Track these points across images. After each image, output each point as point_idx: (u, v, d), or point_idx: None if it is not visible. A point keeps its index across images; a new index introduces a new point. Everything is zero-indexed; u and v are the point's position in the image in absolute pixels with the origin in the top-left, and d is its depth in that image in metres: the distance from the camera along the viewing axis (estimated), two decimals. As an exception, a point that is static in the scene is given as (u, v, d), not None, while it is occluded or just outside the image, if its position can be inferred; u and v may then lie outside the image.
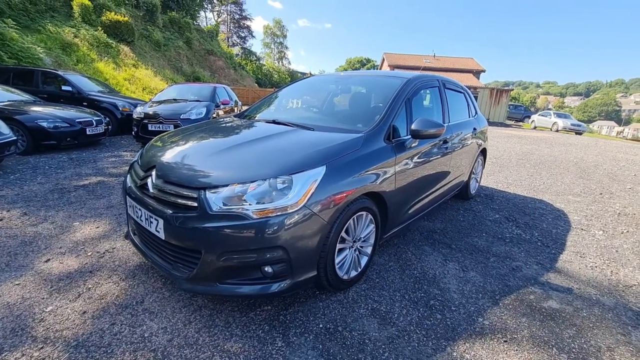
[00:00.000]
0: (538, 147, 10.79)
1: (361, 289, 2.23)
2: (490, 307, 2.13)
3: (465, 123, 3.65)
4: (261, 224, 1.65)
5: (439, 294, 2.23)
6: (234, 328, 1.83)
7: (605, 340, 1.90)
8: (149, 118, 6.75)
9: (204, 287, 1.77)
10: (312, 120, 2.68)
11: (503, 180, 5.65)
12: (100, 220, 3.14)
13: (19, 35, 12.08)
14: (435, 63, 33.37)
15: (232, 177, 1.76)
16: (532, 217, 3.83)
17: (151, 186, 1.93)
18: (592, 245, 3.20)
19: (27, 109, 5.88)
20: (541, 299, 2.26)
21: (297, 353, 1.68)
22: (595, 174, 6.77)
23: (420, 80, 2.90)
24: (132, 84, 16.33)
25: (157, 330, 1.79)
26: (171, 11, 26.40)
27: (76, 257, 2.48)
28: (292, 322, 1.89)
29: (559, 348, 1.81)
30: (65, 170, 4.83)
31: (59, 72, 8.24)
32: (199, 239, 1.69)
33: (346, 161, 1.98)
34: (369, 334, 1.83)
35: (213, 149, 2.13)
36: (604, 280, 2.57)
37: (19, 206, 3.38)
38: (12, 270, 2.28)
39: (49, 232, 2.85)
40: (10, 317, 1.84)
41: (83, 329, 1.77)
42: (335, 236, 1.92)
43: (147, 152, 2.29)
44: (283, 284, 1.78)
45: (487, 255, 2.82)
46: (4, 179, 4.25)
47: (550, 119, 21.59)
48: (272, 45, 56.81)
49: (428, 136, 2.42)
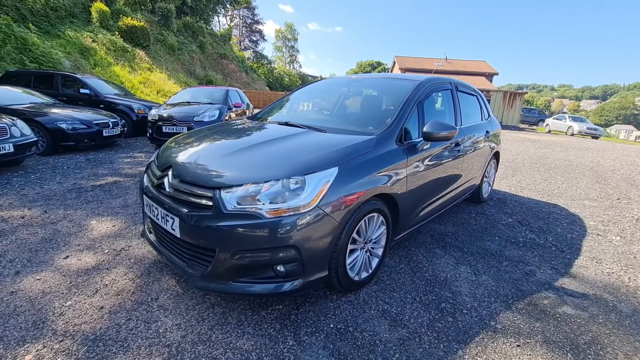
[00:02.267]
0: (552, 151, 10.58)
1: (372, 291, 2.24)
2: (503, 311, 2.10)
3: (478, 126, 3.62)
4: (274, 224, 1.67)
5: (450, 297, 2.21)
6: (246, 326, 1.86)
7: (622, 348, 1.86)
8: (164, 120, 6.90)
9: (217, 285, 1.80)
10: (324, 122, 2.70)
11: (516, 184, 5.57)
12: (117, 219, 3.23)
13: (40, 40, 12.51)
14: (447, 66, 33.11)
15: (246, 177, 1.80)
16: (546, 222, 3.77)
17: (167, 185, 1.98)
18: (608, 251, 3.13)
19: (47, 111, 6.07)
20: (555, 304, 2.22)
21: (308, 352, 1.70)
22: (613, 178, 6.61)
23: (432, 83, 2.90)
24: (146, 87, 16.69)
25: (171, 326, 1.83)
26: (185, 16, 26.93)
27: (93, 254, 2.55)
28: (303, 322, 1.91)
29: (574, 354, 1.78)
30: (82, 171, 4.97)
31: (78, 76, 8.49)
32: (213, 237, 1.73)
33: (358, 163, 1.99)
34: (380, 335, 1.84)
35: (227, 150, 2.17)
36: (622, 286, 2.52)
37: (39, 204, 3.50)
38: (33, 265, 2.36)
39: (67, 230, 2.94)
40: (32, 310, 1.91)
41: (100, 324, 1.82)
42: (346, 237, 1.93)
43: (163, 152, 2.35)
44: (295, 283, 1.80)
45: (499, 259, 2.78)
46: (25, 179, 4.40)
47: (565, 122, 21.16)
48: (284, 49, 57.33)
49: (440, 139, 2.42)
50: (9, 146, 4.41)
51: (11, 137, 4.52)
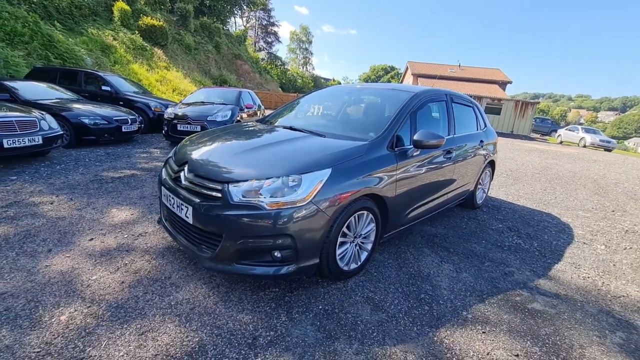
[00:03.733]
0: (559, 162, 10.64)
1: (359, 280, 2.49)
2: (476, 303, 2.34)
3: (472, 135, 3.84)
4: (273, 215, 1.95)
5: (430, 290, 2.45)
6: (245, 304, 2.14)
7: (579, 340, 2.07)
8: (179, 119, 7.27)
9: (223, 266, 2.09)
10: (325, 127, 2.97)
11: (514, 192, 5.74)
12: (135, 208, 3.55)
13: (65, 37, 13.12)
14: (460, 73, 33.04)
15: (251, 174, 2.08)
16: (535, 229, 3.96)
17: (183, 179, 2.28)
18: (590, 258, 3.31)
19: (71, 107, 6.50)
20: (526, 301, 2.44)
21: (298, 327, 1.96)
22: (613, 191, 6.70)
23: (427, 95, 3.15)
24: (163, 85, 17.25)
25: (181, 300, 2.12)
26: (203, 16, 27.61)
27: (114, 238, 2.87)
28: (296, 303, 2.18)
29: (533, 342, 2.00)
30: (102, 163, 5.35)
31: (100, 73, 8.96)
32: (220, 225, 2.02)
33: (350, 165, 2.26)
34: (362, 317, 2.09)
35: (236, 150, 2.47)
36: (593, 290, 2.71)
37: (65, 193, 3.85)
38: (62, 245, 2.69)
39: (91, 216, 3.28)
40: (63, 281, 2.22)
41: (122, 295, 2.13)
42: (337, 230, 2.19)
43: (180, 149, 2.66)
44: (290, 267, 2.07)
45: (482, 260, 3.01)
46: (51, 169, 4.79)
47: (578, 133, 20.97)
48: (298, 51, 57.90)
49: (429, 146, 2.66)
50: (38, 138, 4.81)
51: (40, 130, 4.91)
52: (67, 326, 1.83)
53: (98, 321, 1.88)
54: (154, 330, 1.85)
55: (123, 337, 1.78)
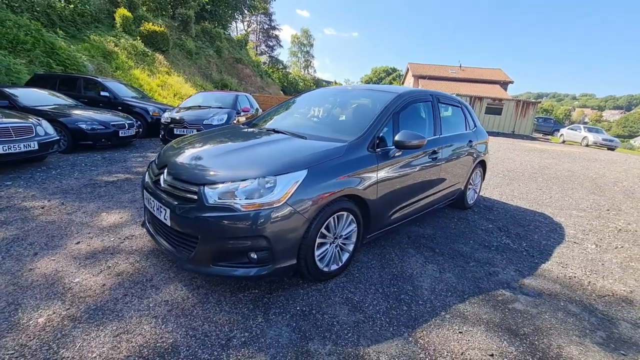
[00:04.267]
0: (559, 161, 10.56)
1: (340, 282, 2.50)
2: (456, 304, 2.33)
3: (460, 136, 3.84)
4: (247, 216, 1.97)
5: (410, 290, 2.45)
6: (224, 305, 2.15)
7: (558, 340, 2.06)
8: (175, 123, 7.35)
9: (200, 268, 2.11)
10: (308, 129, 2.98)
11: (509, 193, 5.70)
12: (124, 212, 3.59)
13: (67, 44, 13.31)
14: (461, 74, 32.98)
15: (227, 176, 2.10)
16: (525, 229, 3.93)
17: (162, 181, 2.31)
18: (579, 257, 3.29)
19: (69, 112, 6.58)
20: (508, 300, 2.43)
21: (274, 328, 1.97)
22: (611, 190, 6.64)
23: (410, 96, 3.15)
24: (164, 89, 17.40)
25: (160, 302, 2.14)
26: (204, 21, 27.84)
27: (101, 241, 2.90)
28: (274, 304, 2.19)
29: (509, 342, 1.99)
30: (98, 168, 5.41)
31: (98, 79, 9.07)
32: (196, 227, 2.04)
33: (328, 166, 2.27)
34: (339, 317, 2.10)
35: (216, 152, 2.49)
36: (579, 289, 2.69)
37: (57, 197, 3.90)
38: (49, 249, 2.73)
39: (80, 220, 3.32)
40: (46, 284, 2.25)
41: (101, 297, 2.15)
42: (314, 231, 2.20)
43: (163, 153, 2.69)
44: (266, 269, 2.08)
45: (467, 260, 2.99)
46: (47, 174, 4.85)
47: (580, 133, 20.82)
48: (299, 54, 58.15)
49: (411, 147, 2.67)
50: (34, 144, 4.88)
51: (36, 136, 4.98)
52: (44, 328, 1.85)
53: (75, 323, 1.90)
54: (129, 332, 1.87)
55: (98, 339, 1.80)
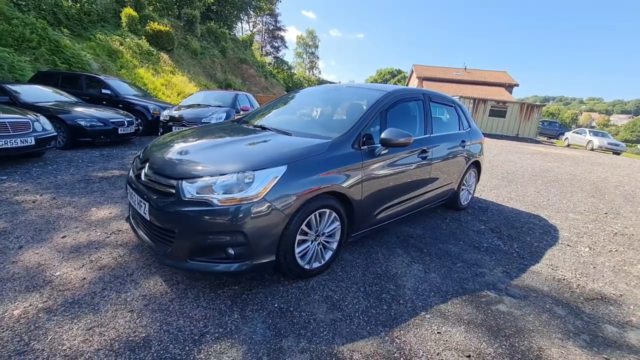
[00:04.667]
0: (561, 164, 10.43)
1: (322, 280, 2.47)
2: (438, 304, 2.29)
3: (452, 135, 3.79)
4: (223, 211, 1.95)
5: (393, 289, 2.42)
6: (201, 301, 2.14)
7: (540, 342, 2.01)
8: (174, 120, 7.38)
9: (177, 263, 2.09)
10: (295, 126, 2.96)
11: (506, 195, 5.64)
12: (114, 207, 3.60)
13: (72, 42, 13.45)
14: (466, 76, 32.80)
15: (205, 171, 2.09)
16: (518, 231, 3.87)
17: (143, 175, 2.30)
18: (570, 260, 3.23)
19: (69, 109, 6.63)
20: (492, 302, 2.38)
21: (249, 324, 1.95)
22: (611, 194, 6.53)
23: (399, 94, 3.12)
24: (168, 89, 17.50)
25: (137, 296, 2.13)
26: (210, 22, 28.00)
27: (87, 236, 2.91)
28: (252, 300, 2.17)
29: (489, 343, 1.96)
30: (94, 164, 5.44)
31: (100, 77, 9.15)
32: (173, 221, 2.03)
33: (309, 163, 2.25)
34: (316, 315, 2.07)
35: (198, 147, 2.48)
36: (567, 292, 2.64)
37: (50, 192, 3.92)
38: (34, 242, 2.73)
39: (69, 214, 3.33)
40: (26, 277, 2.26)
41: (80, 291, 2.15)
42: (294, 228, 2.18)
43: (148, 148, 2.69)
44: (244, 264, 2.06)
45: (454, 261, 2.95)
46: (43, 169, 4.89)
47: (585, 136, 20.56)
48: (304, 55, 58.24)
49: (397, 145, 2.63)
50: (31, 139, 4.91)
51: (33, 131, 5.02)
52: (18, 320, 1.85)
53: (50, 316, 1.90)
54: (103, 326, 1.86)
55: (70, 332, 1.79)
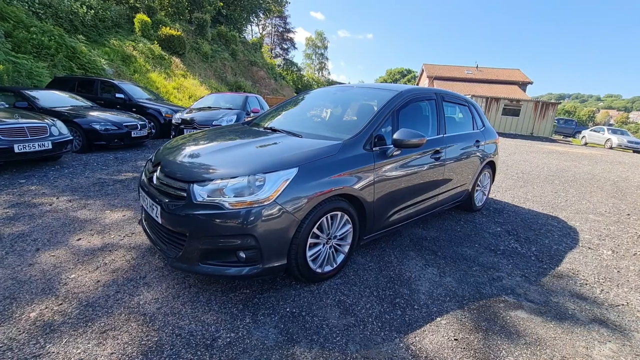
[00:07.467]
0: (578, 164, 10.13)
1: (334, 283, 2.43)
2: (454, 309, 2.22)
3: (466, 135, 3.71)
4: (235, 214, 1.93)
5: (407, 294, 2.36)
6: (213, 305, 2.12)
7: (563, 350, 1.93)
8: (186, 123, 7.46)
9: (188, 266, 2.08)
10: (305, 128, 2.93)
11: (522, 195, 5.49)
12: (128, 210, 3.64)
13: (87, 48, 13.78)
14: (478, 74, 32.29)
15: (216, 174, 2.08)
16: (536, 233, 3.75)
17: (155, 179, 2.31)
18: (592, 263, 3.10)
19: (84, 114, 6.78)
20: (511, 307, 2.30)
21: (261, 329, 1.93)
22: (633, 194, 6.30)
23: (411, 94, 3.06)
24: (180, 92, 17.77)
25: (150, 299, 2.13)
26: (220, 25, 28.32)
27: (101, 238, 2.94)
28: (264, 304, 2.15)
29: (508, 351, 1.88)
30: (109, 167, 5.53)
31: (114, 82, 9.33)
32: (185, 224, 2.02)
33: (320, 165, 2.21)
34: (329, 320, 2.03)
35: (209, 150, 2.47)
36: (590, 297, 2.53)
37: (66, 195, 4.00)
38: (51, 245, 2.78)
39: (85, 217, 3.38)
40: (43, 279, 2.29)
41: (94, 293, 2.16)
42: (306, 231, 2.15)
43: (160, 151, 2.70)
44: (255, 268, 2.04)
45: (470, 265, 2.87)
46: (59, 172, 5.00)
47: (604, 135, 19.96)
48: (313, 56, 58.37)
49: (410, 146, 2.58)
50: (48, 143, 5.03)
51: (50, 136, 5.14)
52: (35, 323, 1.87)
53: (65, 319, 1.92)
54: (116, 329, 1.86)
55: (85, 335, 1.80)
